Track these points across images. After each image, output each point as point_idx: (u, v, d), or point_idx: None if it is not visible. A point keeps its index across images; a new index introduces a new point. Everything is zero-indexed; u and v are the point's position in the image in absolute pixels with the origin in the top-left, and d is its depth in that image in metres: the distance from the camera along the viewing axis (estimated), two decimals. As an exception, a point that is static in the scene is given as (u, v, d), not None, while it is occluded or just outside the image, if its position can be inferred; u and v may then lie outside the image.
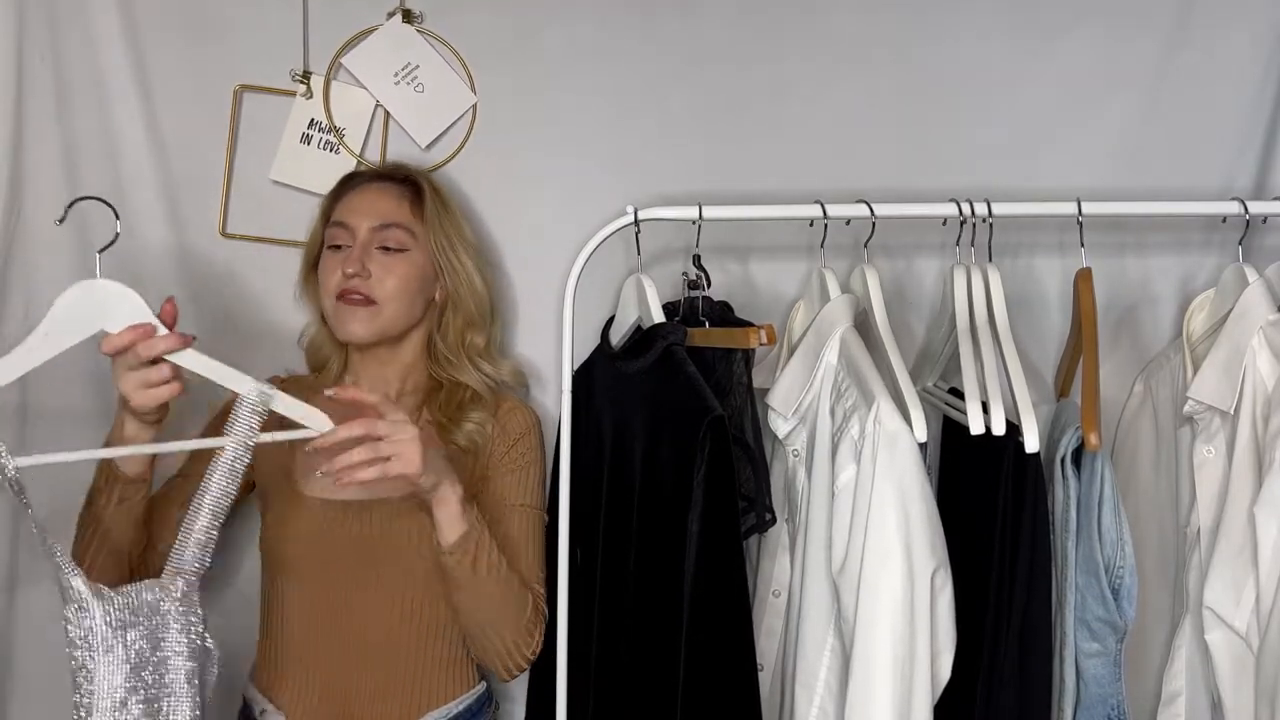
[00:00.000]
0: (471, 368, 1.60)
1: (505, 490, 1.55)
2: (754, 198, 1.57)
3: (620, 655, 1.48)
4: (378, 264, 1.53)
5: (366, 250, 1.53)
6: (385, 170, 1.64)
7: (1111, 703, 1.47)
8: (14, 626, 1.71)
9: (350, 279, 1.51)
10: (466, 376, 1.59)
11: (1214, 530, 1.48)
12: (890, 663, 1.30)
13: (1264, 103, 1.74)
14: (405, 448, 1.33)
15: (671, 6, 1.73)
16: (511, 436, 1.57)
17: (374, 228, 1.54)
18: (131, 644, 1.26)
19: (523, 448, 1.57)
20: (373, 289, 1.52)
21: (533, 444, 1.58)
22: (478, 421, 1.55)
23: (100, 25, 1.65)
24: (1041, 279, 1.76)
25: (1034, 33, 1.74)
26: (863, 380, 1.39)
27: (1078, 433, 1.43)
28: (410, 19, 1.71)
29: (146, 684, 1.26)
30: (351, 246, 1.53)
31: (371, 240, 1.53)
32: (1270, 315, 1.47)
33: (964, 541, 1.40)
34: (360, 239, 1.53)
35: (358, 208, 1.56)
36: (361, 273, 1.51)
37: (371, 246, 1.53)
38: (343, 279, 1.52)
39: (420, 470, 1.33)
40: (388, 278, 1.53)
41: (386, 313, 1.53)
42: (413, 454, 1.33)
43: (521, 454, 1.56)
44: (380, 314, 1.53)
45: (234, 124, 1.71)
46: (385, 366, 1.60)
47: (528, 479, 1.56)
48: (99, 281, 1.31)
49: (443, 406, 1.57)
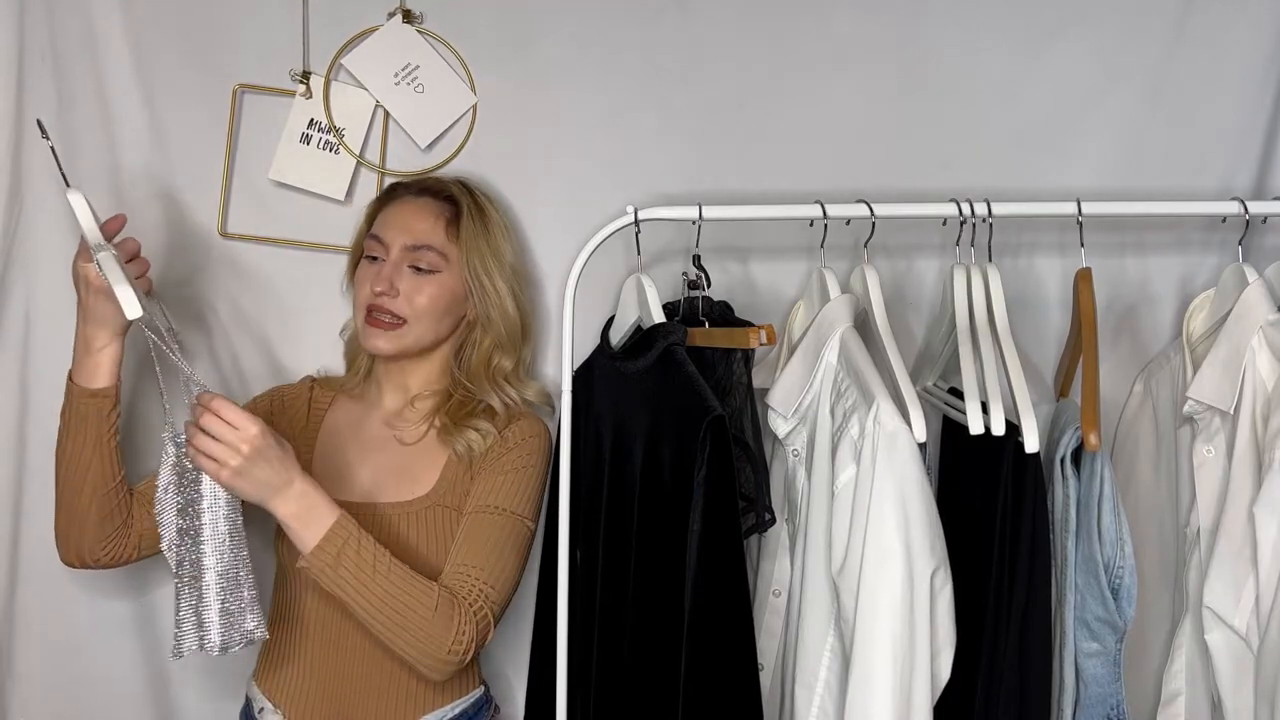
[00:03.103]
0: (493, 390, 1.59)
1: (478, 492, 1.51)
2: (754, 198, 1.58)
3: (620, 655, 1.48)
4: (408, 283, 1.53)
5: (397, 269, 1.53)
6: (429, 183, 1.62)
7: (1111, 703, 1.47)
8: (14, 626, 1.72)
9: (379, 296, 1.52)
10: (488, 398, 1.58)
11: (1214, 530, 1.48)
12: (890, 662, 1.30)
13: (1264, 103, 1.74)
14: (215, 450, 1.32)
15: (671, 7, 1.73)
16: (510, 441, 1.54)
17: (406, 247, 1.54)
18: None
19: (519, 453, 1.53)
20: (400, 307, 1.53)
21: (531, 450, 1.55)
22: (482, 431, 1.54)
23: (100, 25, 1.65)
24: (1041, 279, 1.76)
25: (1034, 32, 1.74)
26: (863, 380, 1.39)
27: (1077, 433, 1.42)
28: (410, 19, 1.71)
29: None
30: (384, 261, 1.54)
31: (403, 259, 1.54)
32: (1270, 315, 1.47)
33: (964, 541, 1.40)
34: (393, 257, 1.54)
35: (394, 223, 1.56)
36: (390, 291, 1.52)
37: (403, 265, 1.54)
38: (371, 295, 1.53)
39: (222, 479, 1.33)
40: (416, 297, 1.53)
41: (413, 332, 1.54)
42: (218, 459, 1.32)
43: (516, 459, 1.53)
44: (406, 333, 1.54)
45: (233, 124, 1.71)
46: (408, 375, 1.61)
47: (513, 484, 1.51)
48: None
49: (452, 411, 1.57)
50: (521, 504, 1.51)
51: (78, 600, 1.71)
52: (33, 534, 1.70)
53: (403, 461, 1.56)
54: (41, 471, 1.68)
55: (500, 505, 1.49)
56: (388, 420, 1.60)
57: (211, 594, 1.34)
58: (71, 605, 1.71)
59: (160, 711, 1.76)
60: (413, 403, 1.60)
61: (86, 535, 1.48)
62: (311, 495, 1.37)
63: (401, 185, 1.64)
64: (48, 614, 1.72)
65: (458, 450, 1.54)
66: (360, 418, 1.62)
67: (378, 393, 1.62)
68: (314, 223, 1.73)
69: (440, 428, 1.56)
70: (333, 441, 1.60)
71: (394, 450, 1.57)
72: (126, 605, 1.73)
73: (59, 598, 1.71)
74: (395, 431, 1.58)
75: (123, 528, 1.50)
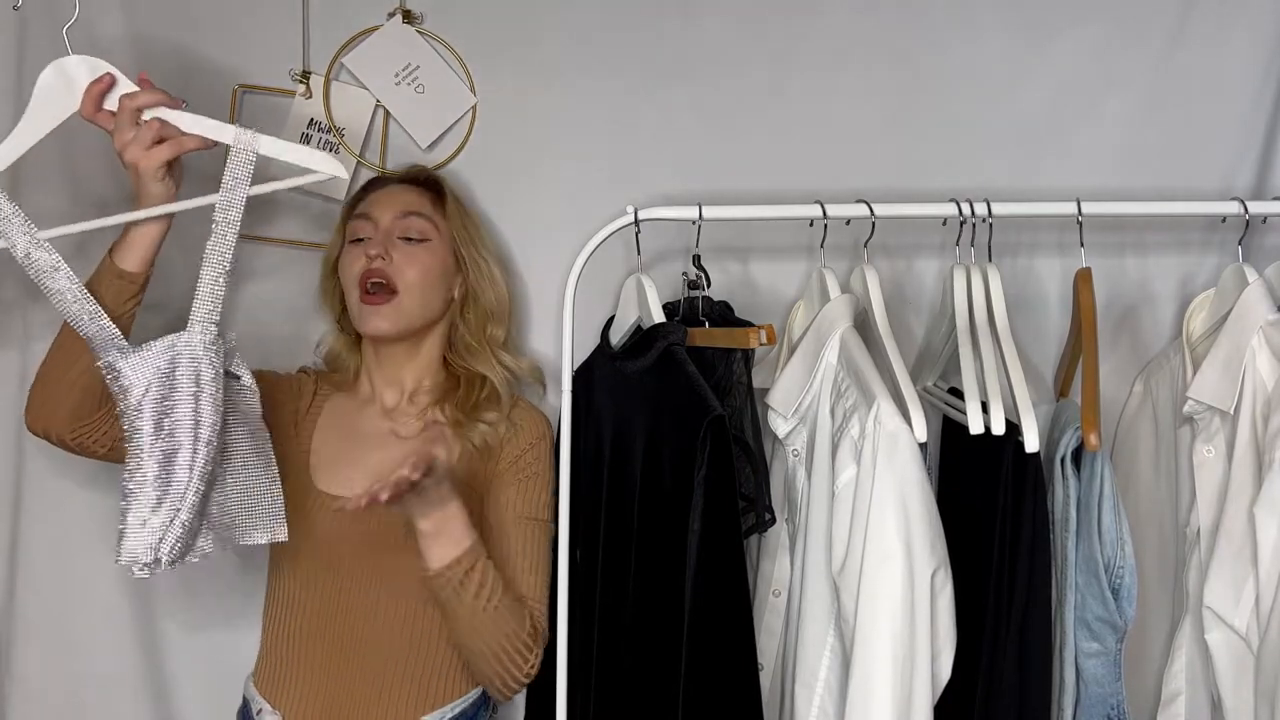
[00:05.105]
0: (494, 359, 1.61)
1: (512, 501, 1.54)
2: (754, 198, 1.57)
3: (621, 655, 1.48)
4: (400, 253, 1.54)
5: (389, 238, 1.55)
6: (410, 174, 1.65)
7: (1111, 702, 1.47)
8: (14, 626, 1.72)
9: (374, 260, 1.52)
10: (488, 368, 1.60)
11: (1214, 530, 1.48)
12: (890, 662, 1.30)
13: (1264, 103, 1.74)
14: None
15: (672, 6, 1.73)
16: (523, 443, 1.57)
17: (396, 216, 1.56)
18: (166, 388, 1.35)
19: (532, 456, 1.56)
20: (394, 276, 1.53)
21: (543, 453, 1.58)
22: (491, 422, 1.56)
23: (101, 26, 1.65)
24: (1041, 279, 1.76)
25: (1034, 32, 1.74)
26: (863, 380, 1.39)
27: (1077, 432, 1.42)
28: (410, 19, 1.72)
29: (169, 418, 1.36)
30: (374, 237, 1.55)
31: (394, 229, 1.55)
32: (1270, 315, 1.47)
33: (964, 541, 1.40)
34: (383, 227, 1.55)
35: (379, 201, 1.58)
36: (385, 255, 1.53)
37: (394, 235, 1.55)
38: (366, 262, 1.53)
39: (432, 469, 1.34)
40: (408, 267, 1.54)
41: (407, 303, 1.54)
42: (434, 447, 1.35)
43: (530, 463, 1.56)
44: (401, 306, 1.54)
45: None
46: (402, 368, 1.61)
47: (534, 490, 1.55)
48: (67, 59, 1.38)
49: (459, 403, 1.58)
50: (549, 509, 1.56)
51: (78, 600, 1.71)
52: (33, 535, 1.70)
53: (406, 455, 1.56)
54: (41, 472, 1.69)
55: (537, 515, 1.54)
56: (388, 415, 1.60)
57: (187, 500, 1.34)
58: (71, 605, 1.71)
59: (159, 712, 1.75)
60: (410, 398, 1.60)
61: (61, 409, 1.44)
62: (457, 515, 1.40)
63: (378, 179, 1.66)
64: (48, 614, 1.72)
65: (474, 442, 1.55)
66: (355, 414, 1.62)
67: (371, 390, 1.63)
68: (314, 223, 1.72)
69: (452, 422, 1.56)
70: (330, 436, 1.59)
71: (393, 446, 1.57)
72: (126, 605, 1.73)
73: (59, 598, 1.71)
74: (392, 424, 1.59)
75: (100, 419, 1.45)
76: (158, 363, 1.35)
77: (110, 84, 1.40)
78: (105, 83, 1.39)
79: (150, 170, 1.38)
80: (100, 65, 1.39)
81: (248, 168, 1.39)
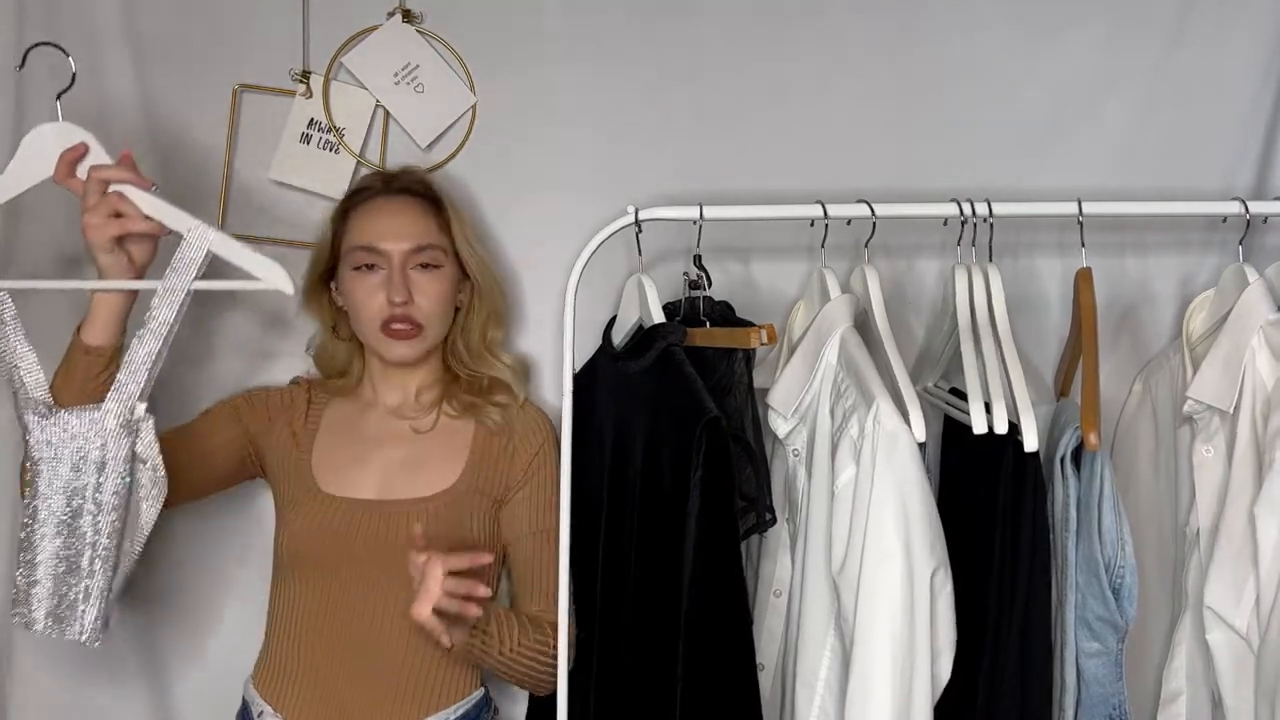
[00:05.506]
0: (495, 362, 1.63)
1: (525, 515, 1.57)
2: (754, 198, 1.57)
3: (620, 656, 1.48)
4: (418, 289, 1.55)
5: (404, 271, 1.54)
6: (400, 182, 1.61)
7: (1113, 702, 1.47)
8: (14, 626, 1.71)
9: (399, 307, 1.53)
10: (489, 368, 1.62)
11: (1214, 530, 1.48)
12: (890, 662, 1.30)
13: (1264, 103, 1.74)
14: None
15: (672, 6, 1.73)
16: (532, 446, 1.59)
17: (409, 251, 1.55)
18: (73, 460, 1.39)
19: (539, 462, 1.59)
20: (417, 315, 1.54)
21: (550, 457, 1.59)
22: (503, 404, 1.59)
23: (101, 26, 1.65)
24: (1042, 279, 1.76)
25: (1034, 32, 1.75)
26: (862, 380, 1.39)
27: (1077, 432, 1.42)
28: (410, 19, 1.71)
29: (84, 497, 1.39)
30: (385, 269, 1.54)
31: (408, 262, 1.54)
32: (1270, 315, 1.47)
33: (964, 541, 1.40)
34: (396, 263, 1.54)
35: (386, 230, 1.55)
36: (410, 300, 1.53)
37: (407, 269, 1.54)
38: (388, 307, 1.53)
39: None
40: (427, 301, 1.55)
41: (430, 334, 1.57)
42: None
43: (539, 467, 1.58)
44: (426, 337, 1.56)
45: (233, 124, 1.71)
46: (408, 375, 1.62)
47: (543, 497, 1.58)
48: (57, 123, 1.43)
49: (466, 391, 1.60)
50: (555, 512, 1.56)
51: (77, 600, 1.71)
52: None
53: (417, 454, 1.57)
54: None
55: (547, 526, 1.56)
56: (394, 414, 1.61)
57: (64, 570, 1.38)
58: (71, 605, 1.71)
59: (159, 713, 1.75)
60: (417, 396, 1.61)
61: None
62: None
63: (366, 188, 1.61)
64: (47, 614, 1.72)
65: (494, 420, 1.58)
66: (358, 417, 1.62)
67: (373, 393, 1.63)
68: (314, 223, 1.72)
69: (466, 407, 1.59)
70: (333, 440, 1.60)
71: (409, 442, 1.58)
72: (126, 607, 1.73)
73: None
74: (410, 421, 1.60)
75: None
76: (71, 432, 1.38)
77: (83, 153, 1.42)
78: (78, 151, 1.42)
79: (98, 242, 1.40)
80: (76, 133, 1.42)
81: (197, 259, 1.41)
